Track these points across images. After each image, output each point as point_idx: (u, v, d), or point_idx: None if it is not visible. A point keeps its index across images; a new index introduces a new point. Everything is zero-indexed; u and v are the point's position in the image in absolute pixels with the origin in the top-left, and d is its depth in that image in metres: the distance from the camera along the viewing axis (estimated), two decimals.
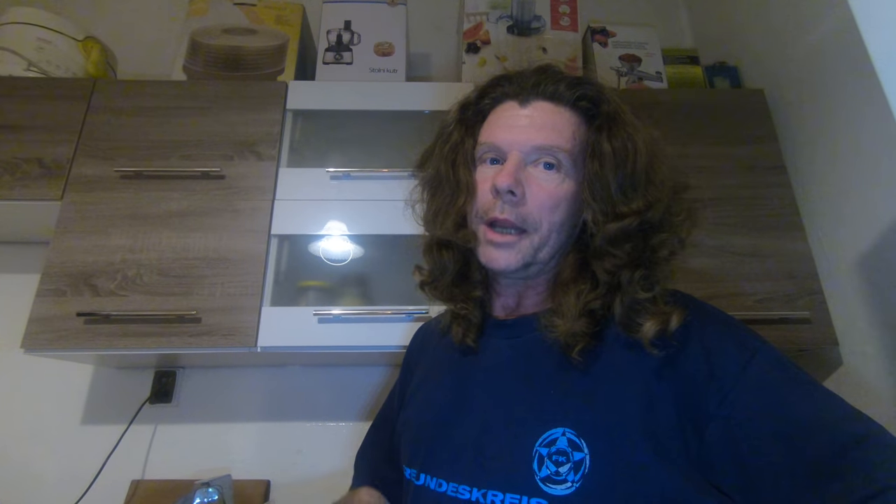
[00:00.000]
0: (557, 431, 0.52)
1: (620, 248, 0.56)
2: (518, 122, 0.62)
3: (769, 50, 1.35)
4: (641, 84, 1.43)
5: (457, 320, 0.68)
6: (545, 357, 0.59)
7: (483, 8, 1.46)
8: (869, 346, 1.03)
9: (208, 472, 1.21)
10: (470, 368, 0.65)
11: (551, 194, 0.59)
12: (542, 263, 0.61)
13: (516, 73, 0.65)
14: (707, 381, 0.49)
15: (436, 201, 0.67)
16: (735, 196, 1.20)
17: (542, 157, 0.60)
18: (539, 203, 0.59)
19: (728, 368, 0.49)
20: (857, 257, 1.06)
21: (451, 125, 0.68)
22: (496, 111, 0.65)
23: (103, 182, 1.16)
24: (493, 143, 0.62)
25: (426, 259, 0.70)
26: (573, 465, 0.50)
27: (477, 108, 0.67)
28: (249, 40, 1.41)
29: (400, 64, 1.39)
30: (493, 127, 0.64)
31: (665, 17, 1.79)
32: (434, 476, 0.60)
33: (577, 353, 0.54)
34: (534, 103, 0.62)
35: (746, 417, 0.47)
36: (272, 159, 1.21)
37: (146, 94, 1.26)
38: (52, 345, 1.04)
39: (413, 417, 0.70)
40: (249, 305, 1.08)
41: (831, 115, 1.14)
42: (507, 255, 0.59)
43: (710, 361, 0.50)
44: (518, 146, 0.60)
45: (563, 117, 0.61)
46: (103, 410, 1.32)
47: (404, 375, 0.81)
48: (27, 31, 1.33)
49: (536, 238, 0.59)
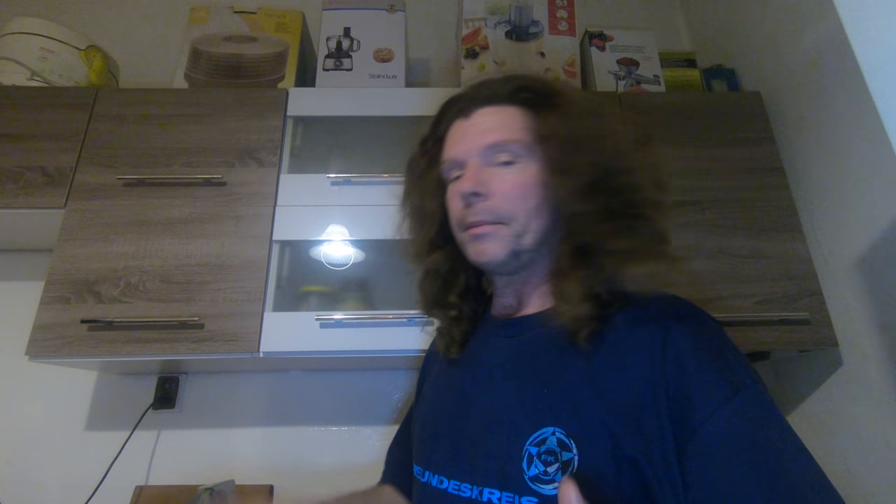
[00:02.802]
0: (548, 431, 0.53)
1: (588, 203, 0.57)
2: (467, 133, 0.65)
3: (766, 53, 1.36)
4: (639, 88, 1.43)
5: (442, 334, 0.73)
6: (543, 355, 0.59)
7: (481, 13, 1.47)
8: (868, 346, 1.03)
9: (212, 477, 1.21)
10: (472, 368, 0.67)
11: (515, 184, 0.61)
12: (531, 251, 0.62)
13: (459, 93, 0.70)
14: (700, 392, 0.48)
15: (412, 232, 0.73)
16: (733, 198, 1.20)
17: (497, 155, 0.62)
18: (503, 194, 0.61)
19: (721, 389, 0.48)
20: (856, 257, 1.07)
21: (416, 158, 0.74)
22: (449, 132, 0.69)
23: (106, 190, 1.18)
24: (452, 159, 0.66)
25: (419, 288, 0.75)
26: (561, 465, 0.50)
27: (434, 137, 0.71)
28: (250, 48, 1.42)
29: (399, 70, 1.40)
30: (448, 145, 0.67)
31: (662, 20, 1.81)
32: (437, 473, 0.61)
33: (583, 338, 0.55)
34: (476, 111, 0.66)
35: (723, 443, 0.46)
36: (273, 166, 1.22)
37: (148, 102, 1.27)
38: (57, 352, 1.05)
39: (421, 417, 0.73)
40: (252, 311, 1.09)
41: (827, 118, 1.15)
42: (490, 244, 0.61)
43: (702, 374, 0.49)
44: (472, 153, 0.63)
45: (507, 113, 0.64)
46: (107, 416, 1.33)
47: (422, 377, 0.84)
48: (30, 41, 1.34)
49: (517, 226, 0.61)
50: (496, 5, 1.46)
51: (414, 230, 0.73)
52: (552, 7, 1.48)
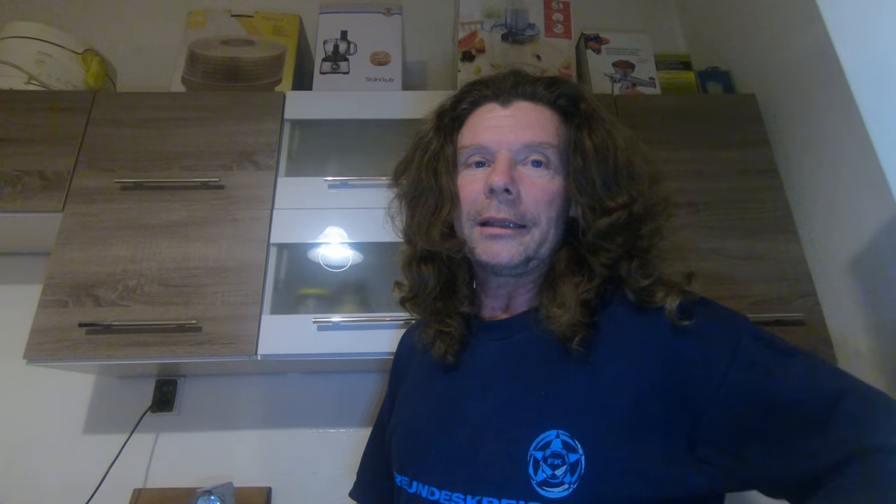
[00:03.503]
0: (551, 434, 0.52)
1: (613, 242, 0.58)
2: (503, 123, 0.62)
3: (759, 55, 1.37)
4: (635, 90, 1.44)
5: (441, 336, 0.67)
6: (536, 356, 0.59)
7: (477, 17, 1.48)
8: (862, 345, 1.04)
9: (210, 480, 1.22)
10: (460, 373, 0.65)
11: (545, 190, 0.60)
12: (541, 259, 0.62)
13: (492, 77, 0.66)
14: (701, 370, 0.51)
15: (419, 212, 0.66)
16: (728, 199, 1.21)
17: (531, 154, 0.61)
18: (535, 199, 0.60)
19: (719, 357, 0.51)
20: (849, 258, 1.07)
21: (428, 133, 0.68)
22: (476, 114, 0.65)
23: (104, 193, 1.18)
24: (480, 145, 0.62)
25: (406, 274, 0.70)
26: (569, 466, 0.50)
27: (454, 113, 0.67)
28: (247, 51, 1.42)
29: (396, 73, 1.40)
30: (477, 129, 0.64)
31: (658, 23, 1.81)
32: (426, 484, 0.59)
33: (577, 343, 0.55)
34: (515, 103, 0.63)
35: (741, 400, 0.49)
36: (271, 169, 1.22)
37: (146, 105, 1.27)
38: (55, 355, 1.05)
39: (403, 424, 0.69)
40: (249, 314, 1.09)
41: (820, 119, 1.16)
42: (508, 247, 0.59)
43: (701, 352, 0.52)
44: (507, 145, 0.61)
45: (545, 115, 0.63)
46: (105, 420, 1.33)
47: (393, 383, 0.81)
48: (28, 45, 1.34)
49: (537, 233, 0.60)
50: (492, 8, 1.47)
51: (424, 208, 0.66)
52: (548, 10, 1.48)
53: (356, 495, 0.85)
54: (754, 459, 0.48)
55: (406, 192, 0.70)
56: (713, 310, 0.56)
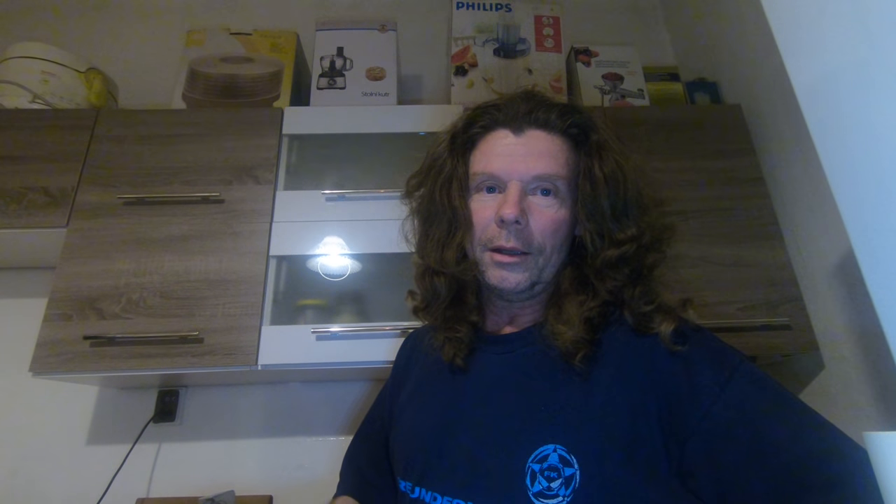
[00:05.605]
0: (549, 448, 0.55)
1: (620, 272, 0.61)
2: (515, 152, 0.63)
3: (744, 67, 1.41)
4: (624, 101, 1.48)
5: (450, 341, 0.69)
6: (537, 371, 0.61)
7: (470, 32, 1.51)
8: (847, 349, 1.06)
9: (212, 489, 1.23)
10: (463, 382, 0.67)
11: (553, 219, 0.62)
12: (545, 283, 0.64)
13: (505, 100, 0.67)
14: (689, 396, 0.52)
15: (433, 232, 0.68)
16: (715, 208, 1.24)
17: (541, 184, 0.63)
18: (541, 229, 0.62)
19: (709, 385, 0.52)
20: (834, 264, 1.10)
21: (443, 155, 0.70)
22: (489, 139, 0.66)
23: (107, 208, 1.21)
24: (492, 173, 0.63)
25: (419, 285, 0.72)
26: (564, 480, 0.52)
27: (465, 136, 0.69)
28: (246, 68, 1.46)
29: (391, 87, 1.44)
30: (490, 156, 0.65)
31: (646, 36, 1.85)
32: (429, 490, 0.61)
33: (579, 359, 0.57)
34: (528, 132, 0.64)
35: (725, 434, 0.50)
36: (269, 183, 1.25)
37: (147, 122, 1.30)
38: (60, 368, 1.07)
39: (407, 429, 0.71)
40: (250, 325, 1.12)
41: (804, 129, 1.18)
42: (516, 275, 0.62)
43: (691, 378, 0.53)
44: (518, 175, 0.62)
45: (556, 145, 0.64)
46: (108, 430, 1.35)
47: (394, 385, 0.82)
48: (32, 65, 1.38)
49: (541, 259, 0.62)
50: (484, 24, 1.51)
51: (438, 229, 0.68)
52: (538, 25, 1.52)
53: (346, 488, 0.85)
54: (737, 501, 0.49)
55: (420, 210, 0.72)
56: (708, 339, 0.58)
